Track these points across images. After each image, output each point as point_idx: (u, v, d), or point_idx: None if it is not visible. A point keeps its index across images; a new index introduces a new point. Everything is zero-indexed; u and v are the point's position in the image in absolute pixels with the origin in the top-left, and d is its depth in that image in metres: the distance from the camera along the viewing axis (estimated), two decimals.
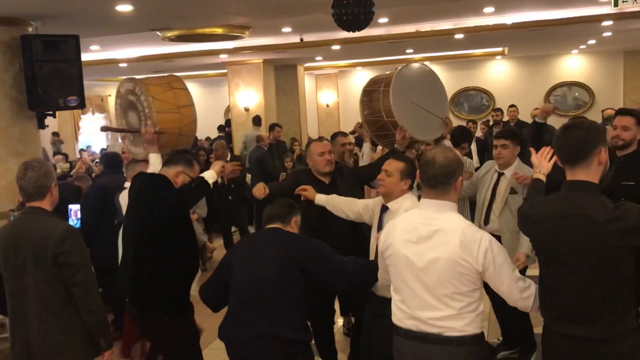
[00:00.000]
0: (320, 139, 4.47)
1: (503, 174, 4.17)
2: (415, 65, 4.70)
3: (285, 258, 2.87)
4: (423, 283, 2.43)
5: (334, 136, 5.06)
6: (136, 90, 3.98)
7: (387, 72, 4.53)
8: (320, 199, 3.72)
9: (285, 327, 2.80)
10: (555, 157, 2.66)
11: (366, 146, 4.83)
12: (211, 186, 3.47)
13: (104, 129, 4.15)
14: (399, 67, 4.42)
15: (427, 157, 2.52)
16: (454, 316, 2.39)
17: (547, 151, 2.76)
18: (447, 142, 4.63)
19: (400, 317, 2.52)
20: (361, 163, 4.76)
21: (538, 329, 4.10)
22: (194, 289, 3.93)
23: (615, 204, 2.21)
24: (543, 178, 2.70)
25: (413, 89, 4.44)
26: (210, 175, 3.47)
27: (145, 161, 3.96)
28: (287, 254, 2.88)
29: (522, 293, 2.41)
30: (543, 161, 2.74)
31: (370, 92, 4.46)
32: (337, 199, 3.71)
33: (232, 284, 2.95)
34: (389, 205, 3.25)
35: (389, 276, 2.61)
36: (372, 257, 3.16)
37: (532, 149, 2.85)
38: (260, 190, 3.83)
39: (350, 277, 2.99)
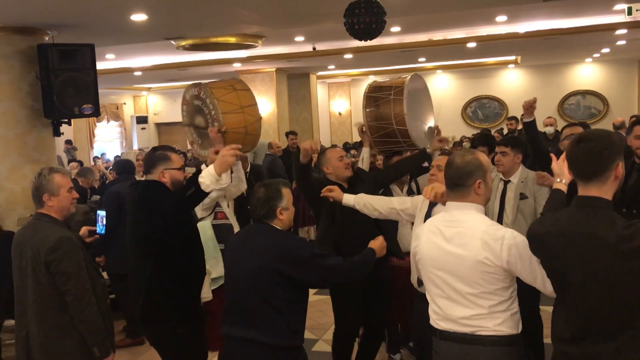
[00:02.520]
0: (333, 146, 4.52)
1: (509, 181, 4.16)
2: (417, 75, 4.79)
3: (261, 264, 2.80)
4: (450, 284, 2.45)
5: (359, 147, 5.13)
6: (201, 94, 4.13)
7: (389, 80, 4.62)
8: (349, 199, 3.62)
9: (264, 332, 2.77)
10: None
11: (365, 151, 4.82)
12: (205, 192, 3.13)
13: (186, 124, 4.42)
14: (408, 77, 4.51)
15: (449, 160, 2.56)
16: (485, 315, 2.38)
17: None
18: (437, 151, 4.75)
19: (435, 318, 2.54)
20: (361, 167, 4.77)
21: (548, 339, 4.07)
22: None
23: (629, 221, 2.05)
24: (564, 188, 2.51)
25: (416, 99, 4.57)
26: (210, 180, 3.09)
27: None
28: (262, 260, 2.79)
29: None
30: (565, 168, 2.48)
31: (376, 98, 4.48)
32: (367, 197, 3.63)
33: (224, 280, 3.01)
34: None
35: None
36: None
37: (552, 155, 2.69)
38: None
39: (334, 277, 3.02)
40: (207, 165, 3.25)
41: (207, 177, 3.10)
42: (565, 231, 2.15)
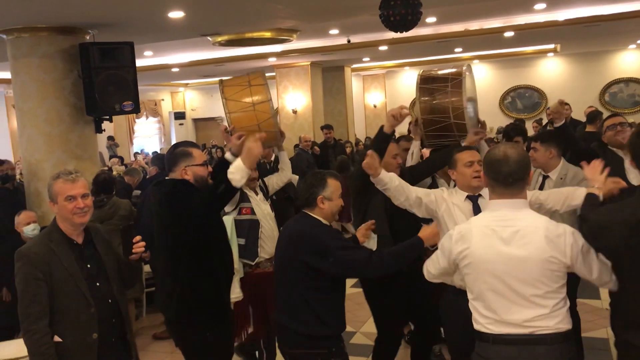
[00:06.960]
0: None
1: (548, 177, 4.07)
2: (469, 66, 4.63)
3: (290, 252, 2.89)
4: (511, 287, 2.35)
5: (398, 140, 4.94)
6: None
7: (438, 69, 4.45)
8: (384, 175, 3.33)
9: (294, 319, 2.90)
10: (607, 169, 2.63)
11: (416, 145, 4.64)
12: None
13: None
14: (464, 69, 4.29)
15: (498, 155, 2.42)
16: (547, 315, 2.33)
17: (597, 163, 2.67)
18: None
19: (484, 322, 2.43)
20: (410, 162, 4.65)
21: (586, 334, 3.98)
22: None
23: None
24: (598, 192, 2.58)
25: (469, 91, 4.43)
26: (240, 175, 3.06)
27: None
28: (292, 249, 2.89)
29: (612, 275, 2.37)
30: (596, 175, 2.62)
31: (432, 90, 4.29)
32: (400, 180, 3.43)
33: None
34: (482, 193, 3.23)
35: (462, 282, 2.58)
36: None
37: (583, 163, 2.73)
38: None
39: (363, 271, 2.96)
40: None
41: (237, 172, 3.07)
42: (632, 219, 2.16)
